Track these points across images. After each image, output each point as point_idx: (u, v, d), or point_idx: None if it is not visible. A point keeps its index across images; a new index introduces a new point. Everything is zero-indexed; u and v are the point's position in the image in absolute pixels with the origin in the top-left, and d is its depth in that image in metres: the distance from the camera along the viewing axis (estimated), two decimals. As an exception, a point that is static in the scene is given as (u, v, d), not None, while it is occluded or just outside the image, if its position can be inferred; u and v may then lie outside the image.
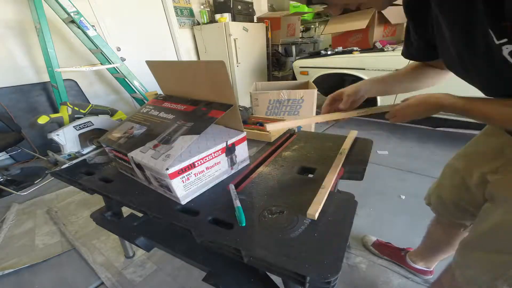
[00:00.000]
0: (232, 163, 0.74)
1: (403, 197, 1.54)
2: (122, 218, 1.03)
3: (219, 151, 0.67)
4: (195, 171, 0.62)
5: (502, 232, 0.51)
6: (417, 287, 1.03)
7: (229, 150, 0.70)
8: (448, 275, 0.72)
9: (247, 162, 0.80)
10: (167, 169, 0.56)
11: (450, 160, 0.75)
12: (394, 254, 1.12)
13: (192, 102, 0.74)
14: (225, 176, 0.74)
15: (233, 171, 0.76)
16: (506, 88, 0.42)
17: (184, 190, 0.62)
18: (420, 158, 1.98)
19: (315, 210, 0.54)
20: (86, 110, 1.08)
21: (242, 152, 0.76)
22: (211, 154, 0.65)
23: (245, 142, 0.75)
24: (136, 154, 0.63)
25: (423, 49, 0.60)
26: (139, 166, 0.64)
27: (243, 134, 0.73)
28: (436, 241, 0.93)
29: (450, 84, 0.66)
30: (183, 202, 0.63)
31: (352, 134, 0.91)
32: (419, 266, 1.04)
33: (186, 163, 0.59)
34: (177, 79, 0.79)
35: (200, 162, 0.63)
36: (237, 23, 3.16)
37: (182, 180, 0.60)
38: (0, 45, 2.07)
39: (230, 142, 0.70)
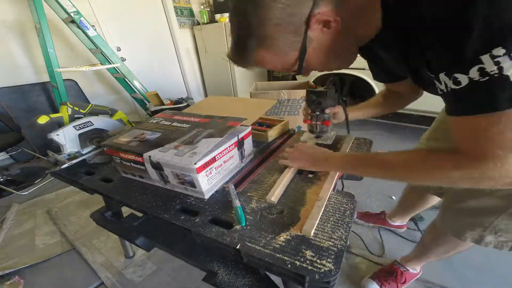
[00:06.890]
0: (242, 156, 0.78)
1: (394, 197, 1.54)
2: (122, 218, 1.03)
3: (233, 145, 0.72)
4: (215, 165, 0.66)
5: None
6: (416, 285, 1.03)
7: (240, 144, 0.75)
8: (432, 232, 0.87)
9: (252, 156, 0.85)
10: (195, 163, 0.58)
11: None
12: (376, 219, 1.33)
13: (205, 116, 0.82)
14: (236, 170, 0.77)
15: (242, 165, 0.80)
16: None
17: (208, 184, 0.65)
18: (420, 158, 1.98)
19: (311, 226, 0.51)
20: (86, 110, 1.08)
21: (249, 146, 0.82)
22: (227, 148, 0.69)
23: (250, 137, 0.81)
24: (155, 154, 0.64)
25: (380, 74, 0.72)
26: (156, 165, 0.65)
27: (249, 129, 0.79)
28: (412, 203, 1.15)
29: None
30: (206, 197, 0.66)
31: (349, 139, 0.89)
32: (397, 223, 1.28)
33: (209, 157, 0.63)
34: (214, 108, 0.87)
35: (219, 156, 0.66)
36: (237, 23, 3.16)
37: (206, 174, 0.63)
38: (0, 45, 2.07)
39: (240, 136, 0.74)
